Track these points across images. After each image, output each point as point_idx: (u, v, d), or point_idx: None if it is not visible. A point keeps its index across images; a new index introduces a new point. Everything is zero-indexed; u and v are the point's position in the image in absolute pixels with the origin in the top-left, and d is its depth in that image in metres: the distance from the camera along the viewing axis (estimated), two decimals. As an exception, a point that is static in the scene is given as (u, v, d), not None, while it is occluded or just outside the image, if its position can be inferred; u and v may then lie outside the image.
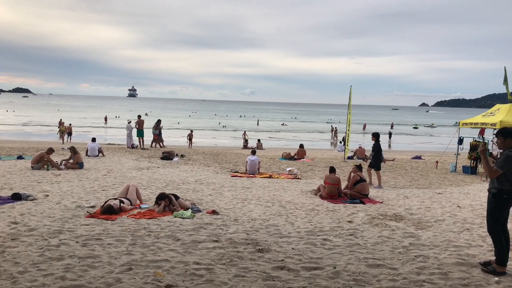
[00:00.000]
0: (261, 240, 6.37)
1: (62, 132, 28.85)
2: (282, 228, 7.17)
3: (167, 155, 18.10)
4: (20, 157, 16.12)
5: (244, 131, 36.82)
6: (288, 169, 15.23)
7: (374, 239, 6.60)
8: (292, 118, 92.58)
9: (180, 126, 53.04)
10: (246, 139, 30.80)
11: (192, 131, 28.60)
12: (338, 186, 10.52)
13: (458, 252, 5.98)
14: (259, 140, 28.95)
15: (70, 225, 6.87)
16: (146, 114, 65.85)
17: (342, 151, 23.16)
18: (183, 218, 7.63)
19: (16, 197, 8.65)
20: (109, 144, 25.93)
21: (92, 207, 8.24)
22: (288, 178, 13.70)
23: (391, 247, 6.18)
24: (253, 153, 15.01)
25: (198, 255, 5.59)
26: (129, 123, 24.09)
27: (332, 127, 47.93)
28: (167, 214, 7.90)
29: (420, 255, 5.81)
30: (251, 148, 24.01)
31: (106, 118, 57.44)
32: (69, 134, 29.38)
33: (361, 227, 7.37)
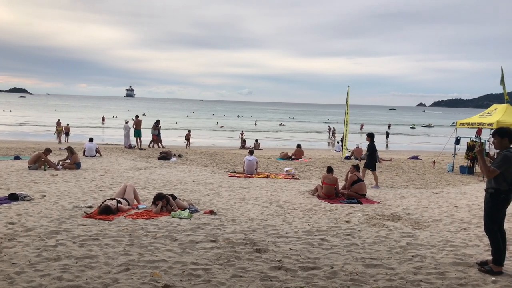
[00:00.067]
0: (259, 240, 6.37)
1: (59, 132, 28.80)
2: (280, 228, 7.17)
3: (165, 155, 18.09)
4: (17, 157, 16.07)
5: (242, 131, 36.82)
6: (286, 169, 15.24)
7: (372, 239, 6.62)
8: (290, 118, 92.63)
9: (178, 126, 52.99)
10: (244, 139, 30.81)
11: (190, 131, 28.59)
12: (336, 186, 10.52)
13: (455, 252, 6.00)
14: (257, 140, 28.95)
15: (67, 226, 6.85)
16: (144, 114, 65.78)
17: (340, 151, 23.18)
18: (181, 218, 7.63)
19: (13, 198, 8.63)
20: (107, 144, 25.88)
21: (90, 208, 8.22)
22: (286, 178, 13.71)
23: (388, 247, 6.20)
24: (251, 153, 15.02)
25: (196, 255, 5.59)
26: (127, 123, 24.06)
27: (330, 127, 48.00)
28: (165, 214, 7.89)
29: (417, 255, 5.83)
30: (249, 148, 24.02)
31: (104, 118, 57.33)
32: (67, 134, 29.36)
33: (359, 227, 7.39)
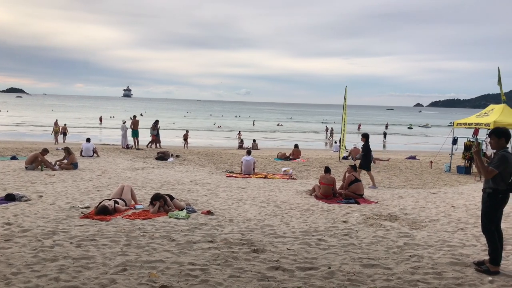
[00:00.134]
0: (256, 241, 6.37)
1: (56, 133, 28.72)
2: (277, 228, 7.17)
3: (162, 156, 18.06)
4: (14, 158, 16.02)
5: (239, 131, 36.82)
6: (283, 169, 15.24)
7: (369, 239, 6.62)
8: (287, 118, 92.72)
9: (175, 127, 52.94)
10: (242, 139, 30.82)
11: (188, 131, 28.58)
12: (333, 186, 10.53)
13: (452, 252, 6.01)
14: (254, 140, 28.98)
15: (64, 226, 6.83)
16: (141, 115, 65.74)
17: (337, 151, 23.21)
18: (178, 219, 7.62)
19: (10, 198, 8.59)
20: (104, 145, 25.84)
21: (87, 208, 8.20)
22: (283, 178, 13.71)
23: (386, 247, 6.20)
24: (248, 153, 15.01)
25: (193, 256, 5.58)
26: (124, 123, 24.03)
27: (327, 127, 48.09)
28: (162, 215, 7.88)
29: (415, 255, 5.83)
30: (247, 148, 24.01)
31: (101, 118, 57.27)
32: (64, 134, 29.28)
33: (356, 227, 7.39)
